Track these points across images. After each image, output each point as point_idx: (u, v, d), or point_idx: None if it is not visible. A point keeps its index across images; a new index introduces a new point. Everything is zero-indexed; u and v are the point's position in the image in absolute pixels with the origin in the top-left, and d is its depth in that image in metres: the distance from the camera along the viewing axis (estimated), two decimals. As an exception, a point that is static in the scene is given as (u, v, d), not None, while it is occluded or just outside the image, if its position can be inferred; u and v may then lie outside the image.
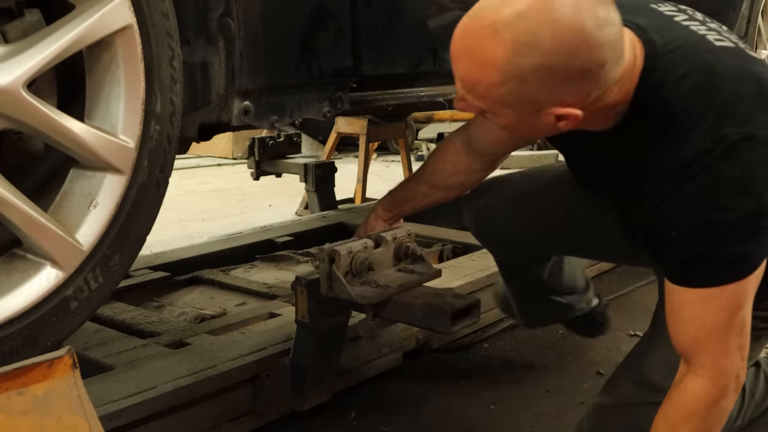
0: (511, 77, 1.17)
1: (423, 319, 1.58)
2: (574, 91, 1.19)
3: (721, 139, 1.22)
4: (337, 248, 1.58)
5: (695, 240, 1.25)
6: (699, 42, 1.32)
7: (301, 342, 1.73)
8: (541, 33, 1.14)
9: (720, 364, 1.31)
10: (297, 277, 1.66)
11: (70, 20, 1.21)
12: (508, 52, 1.15)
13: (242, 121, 1.53)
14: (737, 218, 1.23)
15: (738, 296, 1.28)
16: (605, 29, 1.16)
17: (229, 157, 6.66)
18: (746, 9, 3.32)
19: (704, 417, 1.33)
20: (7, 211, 1.19)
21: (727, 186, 1.22)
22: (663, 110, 1.26)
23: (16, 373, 1.03)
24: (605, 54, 1.17)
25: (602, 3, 1.17)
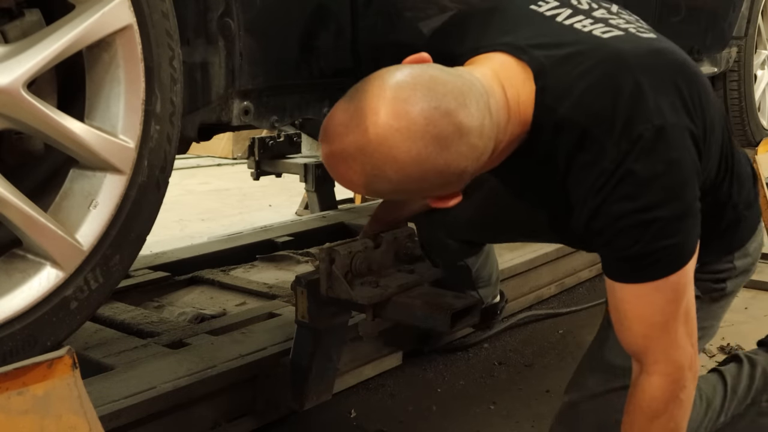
0: (375, 193, 1.23)
1: (423, 319, 1.58)
2: (441, 190, 1.21)
3: (638, 138, 1.20)
4: (337, 248, 1.58)
5: (631, 240, 1.24)
6: (585, 41, 1.28)
7: (301, 342, 1.74)
8: (384, 168, 1.15)
9: (672, 357, 1.30)
10: (297, 277, 1.66)
11: (70, 20, 1.20)
12: (361, 179, 1.18)
13: (242, 121, 1.53)
14: (667, 213, 1.22)
15: (680, 285, 1.28)
16: (454, 145, 1.14)
17: (229, 157, 6.66)
18: (746, 9, 3.32)
19: (667, 413, 1.32)
20: (7, 211, 1.19)
21: (654, 185, 1.21)
22: (570, 127, 1.23)
23: (16, 373, 1.03)
24: (461, 165, 1.17)
25: (439, 117, 1.13)
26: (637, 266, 1.26)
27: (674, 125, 1.22)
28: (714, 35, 3.06)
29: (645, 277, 1.26)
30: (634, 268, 1.26)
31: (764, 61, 3.84)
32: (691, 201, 1.25)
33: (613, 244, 1.26)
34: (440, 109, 1.13)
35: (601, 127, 1.21)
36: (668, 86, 1.24)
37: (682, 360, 1.30)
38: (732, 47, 3.35)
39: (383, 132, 1.12)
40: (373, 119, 1.13)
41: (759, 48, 3.75)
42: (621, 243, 1.25)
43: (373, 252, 1.65)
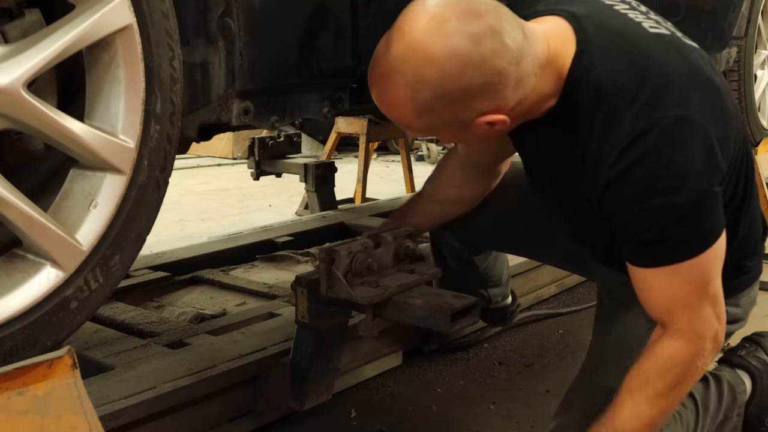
0: (421, 110, 1.26)
1: (423, 319, 1.57)
2: (484, 102, 1.25)
3: (657, 121, 1.24)
4: (337, 248, 1.58)
5: (646, 224, 1.28)
6: (633, 28, 1.35)
7: (301, 342, 1.73)
8: (423, 70, 1.21)
9: (696, 327, 1.34)
10: (297, 277, 1.66)
11: (70, 20, 1.20)
12: (407, 93, 1.24)
13: (242, 121, 1.53)
14: (685, 201, 1.25)
15: (700, 270, 1.31)
16: (485, 42, 1.21)
17: (229, 157, 6.66)
18: (746, 9, 3.32)
19: (679, 375, 1.36)
20: (7, 211, 1.19)
21: (670, 171, 1.24)
22: (594, 92, 1.28)
23: (16, 373, 1.03)
24: (496, 63, 1.22)
25: (475, 17, 1.21)
26: (654, 251, 1.29)
27: (697, 121, 1.25)
28: (714, 35, 3.06)
29: (663, 261, 1.30)
30: (651, 253, 1.30)
31: (764, 61, 3.85)
32: (707, 191, 1.27)
33: (628, 229, 1.31)
34: (470, 11, 1.22)
35: (625, 101, 1.26)
36: (698, 87, 1.29)
37: (706, 331, 1.34)
38: (732, 47, 3.35)
39: (418, 35, 1.21)
40: (408, 28, 1.23)
41: (759, 48, 3.75)
42: (636, 227, 1.29)
43: (373, 252, 1.64)
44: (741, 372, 1.76)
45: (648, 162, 1.24)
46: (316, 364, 1.74)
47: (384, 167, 6.34)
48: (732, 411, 1.70)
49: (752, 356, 1.78)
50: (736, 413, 1.71)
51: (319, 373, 1.76)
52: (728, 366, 1.78)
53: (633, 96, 1.26)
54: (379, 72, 1.27)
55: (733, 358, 1.79)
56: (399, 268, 1.69)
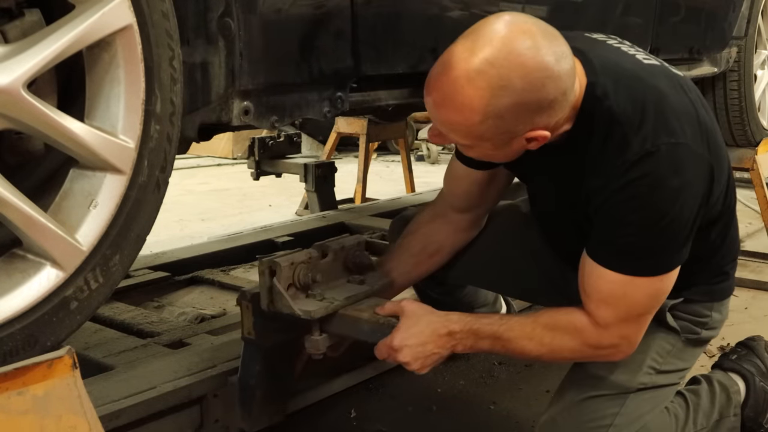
0: (490, 117, 1.31)
1: (370, 334, 1.50)
2: (543, 117, 1.35)
3: (660, 146, 1.36)
4: (278, 260, 1.50)
5: (627, 231, 1.39)
6: (631, 60, 1.49)
7: (248, 360, 1.64)
8: (511, 76, 1.28)
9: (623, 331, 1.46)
10: (241, 291, 1.58)
11: (70, 20, 1.20)
12: (485, 96, 1.29)
13: (242, 121, 1.53)
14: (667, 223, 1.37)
15: (652, 290, 1.44)
16: (562, 62, 1.32)
17: (229, 157, 6.67)
18: (746, 9, 3.32)
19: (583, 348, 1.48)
20: (7, 211, 1.19)
21: (666, 193, 1.36)
22: (608, 119, 1.40)
23: (16, 373, 1.03)
24: (565, 83, 1.34)
25: (554, 39, 1.33)
26: (623, 257, 1.41)
27: (693, 149, 1.38)
28: (714, 35, 3.06)
29: (625, 270, 1.41)
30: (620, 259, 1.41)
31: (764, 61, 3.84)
32: (686, 224, 1.40)
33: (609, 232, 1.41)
34: (550, 33, 1.33)
35: (633, 127, 1.38)
36: (692, 119, 1.42)
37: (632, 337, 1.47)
38: (732, 47, 3.35)
39: (512, 45, 1.29)
40: (498, 36, 1.29)
41: (759, 48, 3.75)
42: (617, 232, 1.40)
43: (319, 263, 1.56)
44: (734, 375, 1.81)
45: (649, 180, 1.36)
46: (264, 384, 1.64)
47: (384, 167, 6.34)
48: (727, 410, 1.74)
49: (744, 360, 1.84)
50: (733, 413, 1.74)
51: (268, 393, 1.66)
52: (720, 370, 1.84)
53: (641, 122, 1.38)
54: (458, 73, 1.30)
55: (725, 363, 1.85)
56: (348, 279, 1.62)
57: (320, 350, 1.54)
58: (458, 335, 1.48)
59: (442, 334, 1.48)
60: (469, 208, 1.77)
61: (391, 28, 1.78)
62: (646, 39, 2.63)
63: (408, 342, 1.46)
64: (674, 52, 2.85)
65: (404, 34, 1.81)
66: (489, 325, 1.49)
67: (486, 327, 1.48)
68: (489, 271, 1.86)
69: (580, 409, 1.58)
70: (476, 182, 1.70)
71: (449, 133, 1.38)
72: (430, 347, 1.48)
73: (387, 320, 1.49)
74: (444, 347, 1.49)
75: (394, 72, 1.80)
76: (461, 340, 1.49)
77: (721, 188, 1.48)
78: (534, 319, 1.49)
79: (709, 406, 1.72)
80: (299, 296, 1.51)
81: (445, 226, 1.77)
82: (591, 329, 1.46)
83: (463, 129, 1.35)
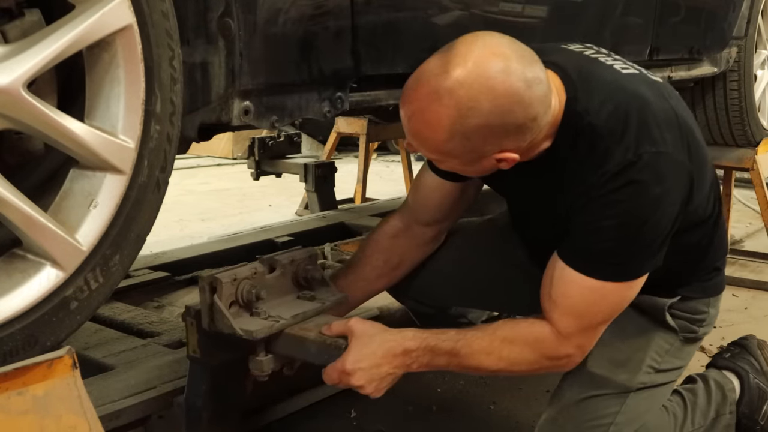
0: (456, 135, 1.32)
1: (317, 355, 1.42)
2: (511, 141, 1.35)
3: (642, 155, 1.36)
4: (219, 275, 1.41)
5: (604, 236, 1.39)
6: (609, 70, 1.48)
7: (194, 379, 1.54)
8: (480, 98, 1.29)
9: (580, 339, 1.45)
10: (186, 307, 1.48)
11: (70, 20, 1.20)
12: (452, 116, 1.30)
13: (242, 121, 1.53)
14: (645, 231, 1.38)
15: (612, 299, 1.44)
16: (534, 88, 1.32)
17: (229, 157, 6.67)
18: (746, 9, 3.32)
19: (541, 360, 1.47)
20: (7, 211, 1.19)
21: (646, 201, 1.36)
22: (589, 134, 1.40)
23: (16, 373, 1.03)
24: (536, 109, 1.33)
25: (529, 63, 1.33)
26: (595, 261, 1.41)
27: (674, 157, 1.38)
28: (714, 35, 3.06)
29: (595, 273, 1.41)
30: (591, 262, 1.41)
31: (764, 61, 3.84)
32: (663, 231, 1.40)
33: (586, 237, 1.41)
34: (526, 57, 1.33)
35: (615, 139, 1.38)
36: (673, 126, 1.42)
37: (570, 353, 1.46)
38: (732, 47, 3.35)
39: (484, 67, 1.29)
40: (472, 57, 1.30)
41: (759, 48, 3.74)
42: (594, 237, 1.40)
43: (265, 278, 1.47)
44: (728, 373, 1.83)
45: (630, 189, 1.36)
46: (212, 404, 1.54)
47: (384, 167, 6.34)
48: (723, 408, 1.76)
49: (738, 358, 1.86)
50: (728, 411, 1.76)
51: (216, 414, 1.55)
52: (715, 368, 1.85)
53: (622, 134, 1.38)
54: (428, 90, 1.31)
55: (719, 362, 1.87)
56: (298, 296, 1.53)
57: (264, 372, 1.45)
58: (414, 353, 1.43)
59: (397, 354, 1.42)
60: (436, 221, 1.74)
61: (391, 28, 1.78)
62: (646, 39, 2.63)
63: (361, 365, 1.39)
64: (674, 52, 2.85)
65: (404, 34, 1.81)
66: (446, 341, 1.44)
67: (443, 343, 1.44)
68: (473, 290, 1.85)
69: (580, 408, 1.58)
70: (448, 194, 1.68)
71: (419, 146, 1.39)
72: (384, 368, 1.42)
73: (334, 341, 1.41)
74: (399, 367, 1.43)
75: (394, 72, 1.80)
76: (417, 359, 1.44)
77: (703, 193, 1.49)
78: (492, 332, 1.46)
79: (706, 404, 1.73)
80: (242, 314, 1.42)
81: (409, 240, 1.74)
82: (551, 340, 1.44)
83: (431, 144, 1.36)
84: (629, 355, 1.61)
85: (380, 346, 1.41)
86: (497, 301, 1.89)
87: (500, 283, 1.80)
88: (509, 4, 2.03)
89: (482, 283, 1.83)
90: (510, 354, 1.44)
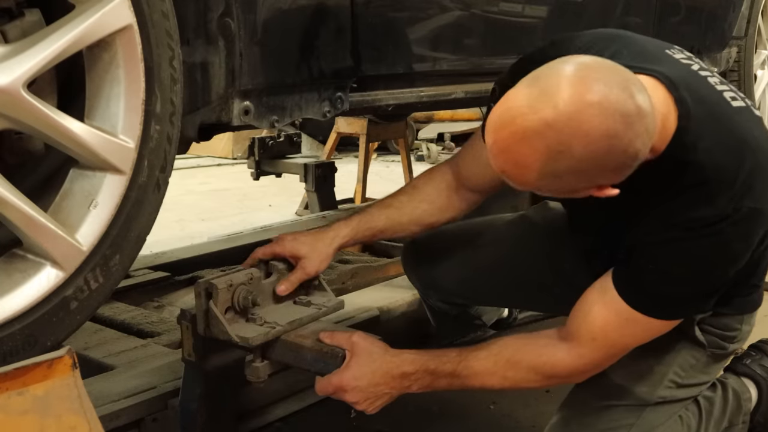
0: (546, 176, 1.21)
1: (312, 363, 1.41)
2: (608, 178, 1.23)
3: (741, 209, 1.27)
4: (215, 281, 1.39)
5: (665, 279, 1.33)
6: (721, 102, 1.35)
7: (189, 383, 1.54)
8: (571, 143, 1.16)
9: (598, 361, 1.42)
10: (182, 311, 1.49)
11: (70, 20, 1.20)
12: (541, 159, 1.18)
13: (242, 121, 1.53)
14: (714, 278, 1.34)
15: (653, 331, 1.40)
16: (635, 125, 1.17)
17: (229, 157, 6.66)
18: (746, 9, 3.32)
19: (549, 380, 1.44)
20: (7, 211, 1.19)
21: (727, 255, 1.31)
22: (694, 173, 1.28)
23: (16, 373, 1.03)
24: (636, 146, 1.19)
25: (630, 95, 1.16)
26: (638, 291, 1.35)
27: (765, 213, 1.31)
28: (714, 35, 3.06)
29: (636, 304, 1.35)
30: (636, 290, 1.35)
31: (764, 61, 3.84)
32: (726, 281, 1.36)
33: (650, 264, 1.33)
34: (626, 89, 1.17)
35: (721, 187, 1.28)
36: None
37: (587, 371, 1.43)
38: (732, 47, 3.35)
39: (576, 107, 1.14)
40: (563, 95, 1.15)
41: (759, 48, 3.75)
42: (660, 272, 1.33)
43: (261, 283, 1.46)
44: (746, 380, 1.76)
45: (715, 241, 1.29)
46: (207, 409, 1.54)
47: (384, 167, 6.33)
48: (737, 418, 1.70)
49: (757, 365, 1.79)
50: (741, 420, 1.71)
51: (211, 419, 1.55)
52: (733, 374, 1.78)
53: (732, 180, 1.27)
54: (515, 130, 1.18)
55: (738, 367, 1.79)
56: (295, 301, 1.51)
57: (261, 378, 1.44)
58: (413, 376, 1.43)
59: (395, 376, 1.42)
60: (483, 190, 1.68)
61: (390, 28, 1.78)
62: (646, 39, 2.63)
63: (359, 382, 1.39)
64: (674, 52, 2.85)
65: (404, 34, 1.81)
66: (446, 364, 1.43)
67: (443, 366, 1.42)
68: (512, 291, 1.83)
69: (595, 416, 1.54)
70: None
71: (508, 181, 1.28)
72: (381, 388, 1.42)
73: (332, 349, 1.40)
74: (396, 388, 1.43)
75: (394, 72, 1.80)
76: (416, 381, 1.43)
77: None
78: (497, 353, 1.43)
79: (721, 414, 1.68)
80: (238, 320, 1.41)
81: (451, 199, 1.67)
82: (563, 365, 1.41)
83: (520, 181, 1.25)
84: (651, 368, 1.55)
85: (380, 367, 1.40)
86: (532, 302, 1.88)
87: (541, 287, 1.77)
88: (509, 4, 2.03)
89: (523, 285, 1.80)
90: (515, 376, 1.42)
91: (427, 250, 1.89)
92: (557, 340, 1.43)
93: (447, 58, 1.97)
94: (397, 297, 2.16)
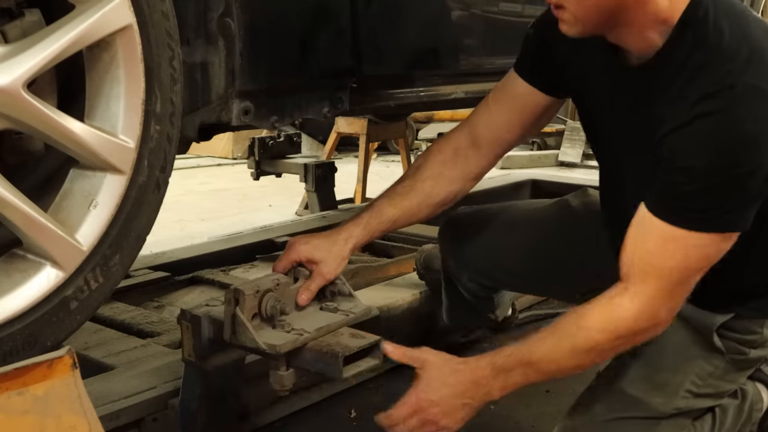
0: None
1: (312, 363, 1.38)
2: None
3: (742, 84, 1.23)
4: (242, 287, 1.37)
5: (691, 177, 1.26)
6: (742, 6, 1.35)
7: (189, 383, 1.53)
8: None
9: (655, 305, 1.34)
10: (182, 311, 1.48)
11: (70, 20, 1.20)
12: None
13: (242, 121, 1.53)
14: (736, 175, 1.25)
15: (699, 253, 1.31)
16: None
17: (229, 157, 6.66)
18: (746, 9, 3.32)
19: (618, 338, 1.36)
20: (7, 211, 1.19)
21: (738, 139, 1.23)
22: (699, 42, 1.28)
23: (16, 373, 1.03)
24: None
25: None
26: (680, 207, 1.29)
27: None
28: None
29: (680, 222, 1.28)
30: (676, 208, 1.29)
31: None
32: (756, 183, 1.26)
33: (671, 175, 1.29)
34: None
35: (723, 59, 1.26)
36: None
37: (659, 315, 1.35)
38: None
39: None
40: None
41: (759, 48, 3.75)
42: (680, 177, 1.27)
43: (287, 289, 1.44)
44: (760, 386, 1.69)
45: (722, 119, 1.24)
46: (207, 409, 1.53)
47: (384, 167, 6.33)
48: (745, 427, 1.64)
49: None
50: (749, 429, 1.65)
51: (212, 419, 1.55)
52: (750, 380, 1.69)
53: (732, 56, 1.26)
54: None
55: (754, 372, 1.69)
56: (321, 307, 1.49)
57: (286, 386, 1.42)
58: (484, 379, 1.39)
59: (468, 382, 1.39)
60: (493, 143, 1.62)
61: (391, 28, 1.78)
62: (646, 39, 2.62)
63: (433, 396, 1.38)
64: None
65: (404, 34, 1.81)
66: (511, 356, 1.39)
67: (509, 359, 1.39)
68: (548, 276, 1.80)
69: (605, 428, 1.48)
70: (524, 108, 1.58)
71: None
72: (459, 399, 1.39)
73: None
74: (473, 397, 1.40)
75: (394, 72, 1.80)
76: (490, 382, 1.40)
77: None
78: (556, 328, 1.39)
79: (733, 424, 1.61)
80: (265, 327, 1.39)
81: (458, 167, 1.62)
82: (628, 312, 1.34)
83: None
84: (667, 377, 1.48)
85: (451, 377, 1.39)
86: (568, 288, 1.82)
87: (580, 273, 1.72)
88: (509, 4, 2.03)
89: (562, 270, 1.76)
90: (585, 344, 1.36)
91: (465, 228, 1.87)
92: (615, 292, 1.37)
93: (447, 58, 1.97)
94: (398, 297, 2.16)
